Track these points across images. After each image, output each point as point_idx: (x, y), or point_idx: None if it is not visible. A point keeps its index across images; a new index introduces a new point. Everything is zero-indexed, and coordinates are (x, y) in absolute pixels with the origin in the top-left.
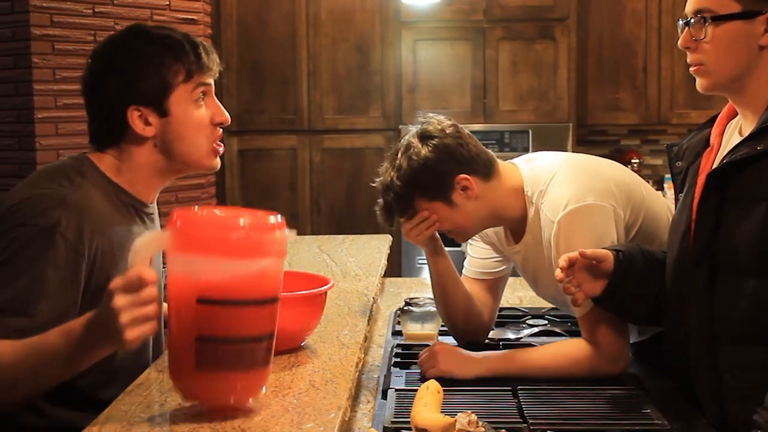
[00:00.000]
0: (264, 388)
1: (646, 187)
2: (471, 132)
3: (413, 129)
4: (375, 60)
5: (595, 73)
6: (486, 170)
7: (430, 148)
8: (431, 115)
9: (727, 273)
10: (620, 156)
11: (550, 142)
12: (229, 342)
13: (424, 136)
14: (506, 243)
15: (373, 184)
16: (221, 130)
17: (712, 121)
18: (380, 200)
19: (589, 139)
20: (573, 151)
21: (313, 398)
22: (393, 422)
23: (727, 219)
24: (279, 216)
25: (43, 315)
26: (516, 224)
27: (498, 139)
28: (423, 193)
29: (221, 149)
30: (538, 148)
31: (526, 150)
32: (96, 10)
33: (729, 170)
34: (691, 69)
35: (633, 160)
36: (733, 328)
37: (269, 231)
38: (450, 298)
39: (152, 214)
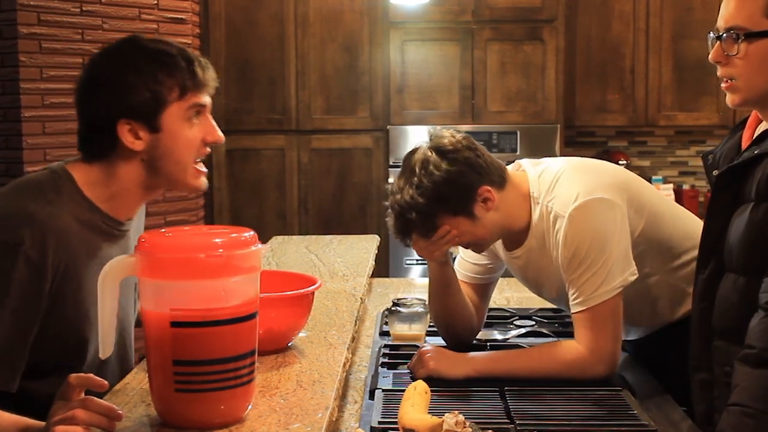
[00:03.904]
0: (250, 405)
1: (649, 188)
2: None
3: (423, 144)
4: (363, 60)
5: (583, 75)
6: (501, 179)
7: (450, 162)
8: (439, 128)
9: (727, 270)
10: (608, 157)
11: (537, 143)
12: (207, 364)
13: (440, 151)
14: (505, 249)
15: (386, 203)
16: (209, 149)
17: (742, 124)
18: (392, 219)
19: (577, 140)
20: (561, 153)
21: (301, 398)
22: (380, 422)
23: (730, 220)
24: (249, 232)
25: (3, 329)
26: (521, 229)
27: (486, 140)
28: (447, 209)
29: (204, 170)
30: (525, 149)
31: (514, 151)
32: (84, 8)
33: (735, 173)
34: (722, 85)
35: (620, 162)
36: (726, 323)
37: (238, 249)
38: (451, 307)
39: (127, 231)
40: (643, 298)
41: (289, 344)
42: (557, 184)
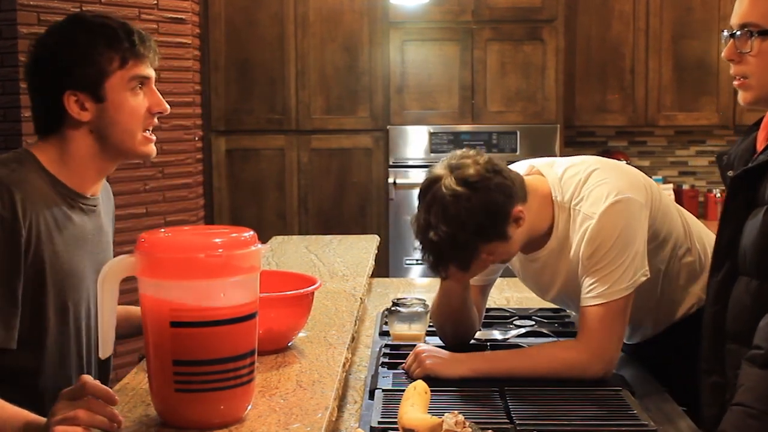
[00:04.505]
0: (249, 405)
1: (658, 187)
2: (459, 133)
3: (444, 173)
4: (363, 60)
5: (583, 75)
6: (523, 193)
7: (482, 193)
8: (459, 153)
9: (740, 273)
10: (608, 157)
11: (537, 143)
12: (207, 364)
13: (468, 183)
14: (522, 253)
15: (417, 244)
16: (156, 119)
17: (756, 125)
18: (428, 257)
19: (577, 140)
20: (561, 153)
21: (300, 398)
22: (380, 422)
23: (744, 223)
24: (249, 232)
25: None
26: (543, 233)
27: (486, 140)
28: (486, 239)
29: (153, 137)
30: (525, 149)
31: (513, 151)
32: (83, 9)
33: (749, 176)
34: (735, 83)
35: (621, 162)
36: (739, 326)
37: (238, 249)
38: (459, 319)
39: (94, 206)
40: (650, 293)
41: (289, 344)
42: (585, 185)
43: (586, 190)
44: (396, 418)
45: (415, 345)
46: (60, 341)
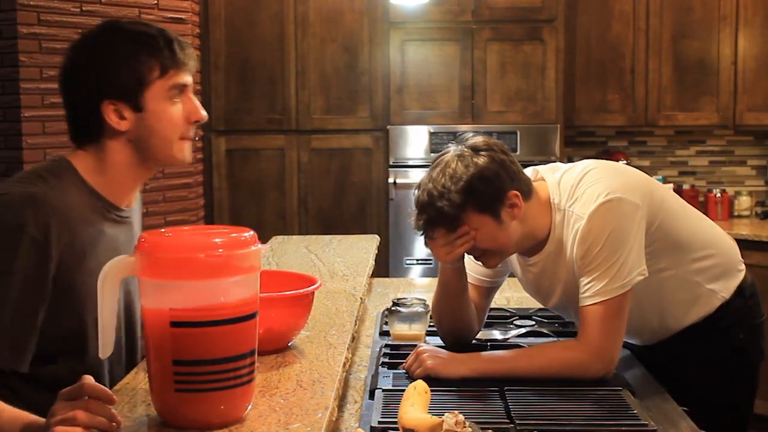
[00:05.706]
0: (250, 405)
1: (663, 187)
2: (459, 133)
3: (454, 147)
4: (363, 60)
5: (583, 75)
6: (528, 189)
7: (486, 159)
8: (470, 134)
9: None
10: (608, 157)
11: (537, 143)
12: (207, 363)
13: (475, 148)
14: (521, 257)
15: (416, 192)
16: (193, 127)
17: None
18: (418, 212)
19: (577, 140)
20: (561, 153)
21: (300, 398)
22: (380, 422)
23: None
24: (249, 232)
25: (8, 310)
26: (542, 238)
27: None
28: (476, 204)
29: (190, 139)
30: (526, 149)
31: (514, 151)
32: (83, 8)
33: None
34: None
35: (620, 162)
36: None
37: (238, 249)
38: (458, 314)
39: (128, 218)
40: (658, 293)
41: (289, 344)
42: (578, 187)
43: (579, 191)
44: (396, 418)
45: (415, 345)
46: (96, 348)
